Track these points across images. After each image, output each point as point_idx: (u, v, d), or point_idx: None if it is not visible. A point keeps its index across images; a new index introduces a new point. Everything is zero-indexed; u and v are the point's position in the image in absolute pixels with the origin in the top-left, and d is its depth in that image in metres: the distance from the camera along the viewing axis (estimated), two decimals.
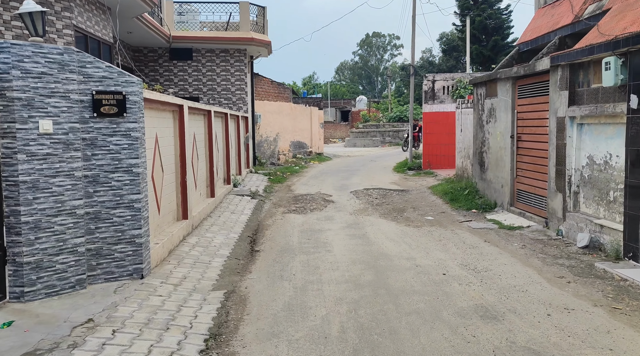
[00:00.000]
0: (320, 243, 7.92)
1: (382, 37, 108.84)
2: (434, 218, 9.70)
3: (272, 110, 21.81)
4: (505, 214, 9.45)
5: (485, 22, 28.87)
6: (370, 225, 9.18)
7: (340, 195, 13.09)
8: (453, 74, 18.66)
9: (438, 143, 18.29)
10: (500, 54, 29.71)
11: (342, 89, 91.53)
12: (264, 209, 11.31)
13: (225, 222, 9.36)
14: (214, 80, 17.89)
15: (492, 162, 10.31)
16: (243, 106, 18.09)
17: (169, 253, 6.74)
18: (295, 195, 13.46)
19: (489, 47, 29.97)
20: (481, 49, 29.12)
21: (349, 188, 14.50)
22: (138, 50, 17.32)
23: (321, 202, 12.10)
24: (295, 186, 15.38)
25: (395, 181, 16.17)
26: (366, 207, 11.20)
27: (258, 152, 20.70)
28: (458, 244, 7.61)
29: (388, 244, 7.70)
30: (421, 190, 13.55)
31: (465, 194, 11.03)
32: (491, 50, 29.94)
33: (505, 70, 9.44)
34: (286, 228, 9.20)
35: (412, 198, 12.37)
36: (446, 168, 18.03)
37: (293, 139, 24.34)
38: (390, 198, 12.55)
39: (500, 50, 30.28)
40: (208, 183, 10.46)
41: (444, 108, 18.19)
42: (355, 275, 6.16)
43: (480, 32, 26.47)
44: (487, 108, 10.56)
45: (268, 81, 22.77)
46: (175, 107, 7.79)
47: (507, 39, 31.18)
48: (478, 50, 29.26)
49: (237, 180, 13.65)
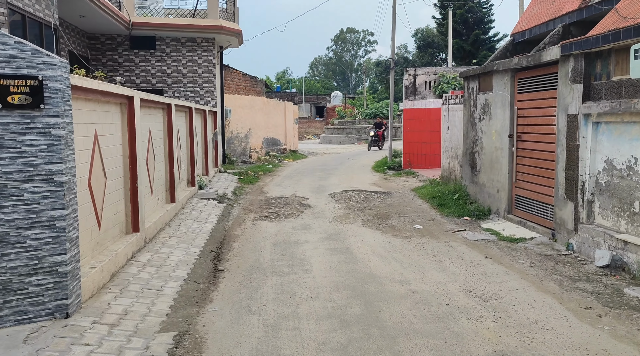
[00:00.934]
0: (297, 259, 6.77)
1: (356, 32, 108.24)
2: (423, 227, 8.66)
3: (244, 104, 20.51)
4: (502, 223, 8.47)
5: (466, 15, 28.05)
6: (354, 236, 8.07)
7: (318, 198, 11.95)
8: (435, 68, 17.72)
9: (419, 141, 17.33)
10: (482, 48, 29.01)
11: (317, 85, 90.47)
12: (232, 215, 10.09)
13: (186, 232, 8.12)
14: (179, 72, 16.51)
15: (486, 164, 9.33)
16: (211, 100, 16.77)
17: (110, 277, 5.50)
18: (267, 198, 12.27)
19: (470, 41, 29.19)
20: (462, 43, 28.35)
21: (326, 190, 13.38)
22: (94, 37, 15.81)
23: (297, 207, 10.95)
24: (268, 187, 14.18)
25: (375, 182, 15.13)
26: (347, 213, 10.10)
27: (228, 150, 19.40)
28: (456, 261, 6.56)
29: (376, 261, 6.60)
30: (404, 193, 12.53)
31: (455, 199, 10.03)
32: (472, 45, 29.16)
33: (504, 61, 8.44)
34: (257, 239, 8.03)
35: (396, 202, 11.32)
36: (428, 167, 17.09)
37: (266, 136, 23.09)
38: (372, 202, 11.48)
39: (481, 44, 29.55)
40: (167, 187, 9.19)
41: (425, 105, 17.23)
42: (339, 306, 5.04)
43: (461, 25, 25.72)
44: (480, 104, 9.57)
45: (239, 74, 21.43)
46: (122, 99, 6.52)
47: (489, 33, 30.50)
48: (458, 45, 28.46)
49: (203, 182, 12.38)
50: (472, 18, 28.39)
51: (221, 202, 11.14)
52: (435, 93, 17.31)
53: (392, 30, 18.57)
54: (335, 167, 19.40)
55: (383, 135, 28.15)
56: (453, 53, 26.19)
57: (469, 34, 28.90)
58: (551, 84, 7.28)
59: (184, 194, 10.35)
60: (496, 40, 30.36)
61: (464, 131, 10.47)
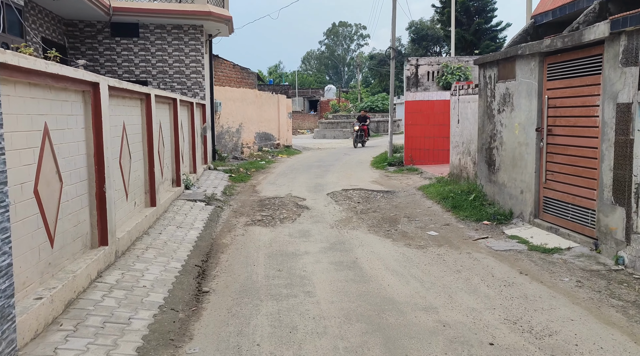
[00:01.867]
0: (296, 277, 5.70)
1: (349, 26, 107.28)
2: (438, 234, 7.61)
3: (235, 97, 19.35)
4: (528, 228, 7.44)
5: (467, 3, 26.89)
6: (360, 246, 7.01)
7: (316, 199, 10.88)
8: (439, 57, 16.66)
9: (422, 136, 16.29)
10: (484, 38, 27.86)
11: (310, 79, 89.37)
12: (222, 219, 9.00)
13: (167, 242, 7.02)
14: (165, 62, 15.32)
15: (507, 161, 8.29)
16: (200, 92, 15.61)
17: (65, 307, 4.40)
18: (261, 198, 11.18)
19: (472, 31, 28.04)
20: (463, 32, 27.24)
21: (324, 188, 12.30)
22: (71, 23, 14.57)
23: (293, 209, 9.87)
24: (261, 186, 13.09)
25: (376, 179, 14.07)
26: (349, 216, 9.03)
27: (218, 145, 18.26)
28: (486, 278, 5.52)
29: (391, 279, 5.54)
30: (410, 192, 11.48)
31: (470, 200, 8.99)
32: (473, 35, 28.03)
33: (531, 44, 7.37)
34: (249, 250, 6.94)
35: (403, 202, 10.27)
36: (431, 163, 16.07)
37: (259, 130, 21.95)
38: (375, 202, 10.42)
39: (483, 34, 28.41)
40: (147, 189, 8.07)
41: (429, 97, 16.18)
42: (354, 346, 3.97)
43: (462, 14, 24.65)
44: (499, 94, 8.52)
45: (230, 64, 20.23)
46: (85, 86, 5.39)
47: (491, 22, 29.36)
48: (460, 34, 27.26)
49: (189, 181, 11.25)
50: (474, 7, 27.24)
51: (209, 203, 10.03)
52: (439, 85, 16.26)
53: (392, 17, 17.46)
54: (331, 163, 18.33)
55: (368, 130, 26.55)
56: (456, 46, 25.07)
57: (470, 23, 27.77)
58: (593, 69, 6.23)
59: (167, 196, 9.24)
60: (499, 29, 29.26)
61: (479, 124, 9.42)
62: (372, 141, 31.51)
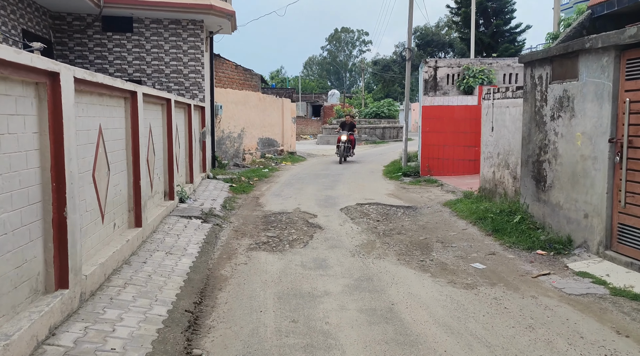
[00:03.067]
0: (317, 334, 4.30)
1: (351, 32, 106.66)
2: (486, 267, 6.20)
3: (237, 100, 17.99)
4: (598, 262, 6.03)
5: (485, 3, 25.50)
6: (394, 283, 5.60)
7: (329, 216, 9.48)
8: (459, 59, 15.30)
9: (441, 144, 14.92)
10: (502, 40, 26.43)
11: (312, 84, 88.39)
12: (220, 242, 7.61)
13: (152, 274, 5.62)
14: (161, 60, 13.96)
15: (563, 178, 6.90)
16: (199, 93, 14.25)
17: None
18: (265, 213, 9.79)
19: (489, 33, 26.60)
20: (480, 34, 25.87)
21: (337, 202, 10.92)
22: (59, 16, 13.23)
23: (304, 228, 8.48)
24: (265, 198, 11.70)
25: (392, 192, 12.69)
26: (371, 240, 7.63)
27: (219, 151, 16.88)
28: (574, 340, 4.12)
29: (446, 341, 4.14)
30: (435, 209, 10.08)
31: (515, 222, 7.59)
32: (491, 37, 26.60)
33: (607, 34, 5.99)
34: (254, 286, 5.54)
35: (431, 222, 8.87)
36: (451, 174, 14.69)
37: (261, 136, 20.59)
38: (398, 221, 9.03)
39: (501, 36, 26.99)
40: (131, 207, 6.68)
41: (448, 101, 14.82)
42: None
43: (479, 15, 23.40)
44: (553, 98, 7.15)
45: (232, 65, 18.86)
46: (39, 77, 4.01)
47: (510, 24, 27.90)
48: (476, 37, 25.92)
49: (184, 193, 9.86)
50: (492, 7, 25.80)
51: (206, 220, 8.63)
52: (459, 89, 14.91)
53: (408, 15, 16.13)
54: (340, 172, 16.95)
55: (355, 142, 20.99)
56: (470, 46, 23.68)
57: (488, 24, 26.31)
58: None
59: (157, 212, 7.85)
60: (518, 32, 27.78)
61: (523, 133, 8.04)
62: (373, 149, 30.20)
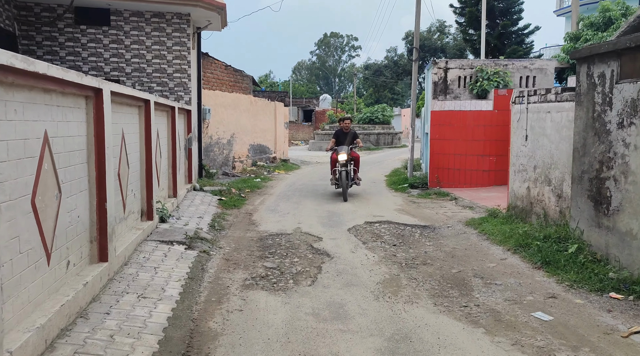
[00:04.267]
0: None
1: (340, 37, 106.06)
2: (553, 318, 4.81)
3: (227, 103, 16.53)
4: None
5: (492, 3, 24.28)
6: (441, 347, 4.18)
7: (336, 238, 8.08)
8: (472, 60, 14.01)
9: (451, 152, 13.60)
10: (509, 42, 25.18)
11: (301, 88, 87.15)
12: (208, 276, 6.15)
13: (115, 335, 4.15)
14: (142, 57, 12.48)
15: (637, 199, 5.57)
16: (185, 95, 12.78)
17: None
18: (261, 235, 8.36)
19: (496, 34, 25.34)
20: (485, 36, 24.62)
21: (342, 220, 9.52)
22: (25, 7, 11.70)
23: (308, 255, 7.06)
24: (259, 214, 10.27)
25: (401, 206, 11.33)
26: (394, 274, 6.22)
27: (206, 159, 15.39)
28: None
29: None
30: (458, 229, 8.72)
31: (570, 253, 6.23)
32: (497, 39, 25.33)
33: None
34: (253, 352, 4.10)
35: (457, 247, 7.49)
36: (463, 186, 13.38)
37: (253, 142, 19.14)
38: (417, 244, 7.64)
39: (508, 37, 25.73)
40: (93, 236, 5.21)
41: (460, 106, 13.52)
42: None
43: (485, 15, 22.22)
44: (621, 100, 5.83)
45: (221, 65, 17.41)
46: None
47: (517, 25, 26.62)
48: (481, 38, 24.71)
49: (165, 211, 8.38)
50: (498, 8, 24.55)
51: (191, 246, 7.16)
52: (472, 92, 13.62)
53: (416, 11, 14.83)
54: None
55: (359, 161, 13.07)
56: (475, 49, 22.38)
57: (494, 25, 25.07)
58: None
59: (130, 238, 6.38)
60: (526, 33, 26.55)
61: (575, 143, 6.70)
62: (369, 156, 28.92)
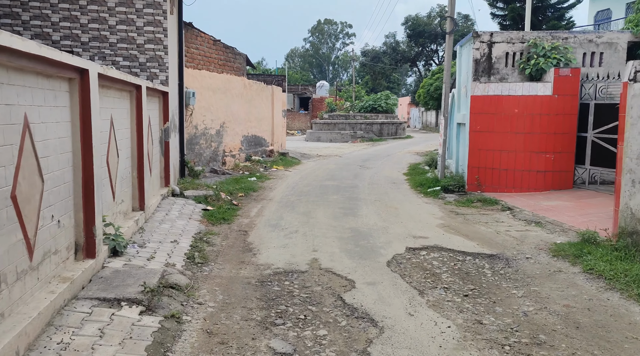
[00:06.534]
0: None
1: (334, 24, 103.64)
2: None
3: (216, 86, 13.64)
4: None
5: None
6: None
7: (376, 284, 5.33)
8: (523, 32, 11.22)
9: (496, 148, 10.88)
10: (546, 18, 22.34)
11: (295, 76, 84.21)
12: None
13: None
14: (103, 22, 9.59)
15: None
16: (160, 73, 9.93)
17: None
18: (262, 274, 5.62)
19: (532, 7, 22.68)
20: (518, 10, 21.85)
21: (374, 245, 6.79)
22: None
23: (340, 322, 4.31)
24: (257, 233, 7.50)
25: (444, 220, 8.61)
26: None
27: (190, 154, 12.55)
28: None
29: None
30: (541, 261, 6.02)
31: None
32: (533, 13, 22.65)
33: None
34: None
35: (570, 304, 4.79)
36: (511, 191, 10.68)
37: (247, 133, 16.30)
38: (502, 297, 4.93)
39: (544, 12, 22.85)
40: None
41: (508, 90, 10.76)
42: None
43: None
44: None
45: (209, 39, 14.47)
46: None
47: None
48: (514, 12, 21.86)
49: (120, 239, 5.55)
50: None
51: (151, 308, 4.37)
52: (524, 73, 10.87)
53: None
54: (353, 183, 12.82)
55: None
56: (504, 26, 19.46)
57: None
58: None
59: (40, 304, 3.60)
60: (566, 7, 23.67)
61: None
62: (373, 148, 26.22)
